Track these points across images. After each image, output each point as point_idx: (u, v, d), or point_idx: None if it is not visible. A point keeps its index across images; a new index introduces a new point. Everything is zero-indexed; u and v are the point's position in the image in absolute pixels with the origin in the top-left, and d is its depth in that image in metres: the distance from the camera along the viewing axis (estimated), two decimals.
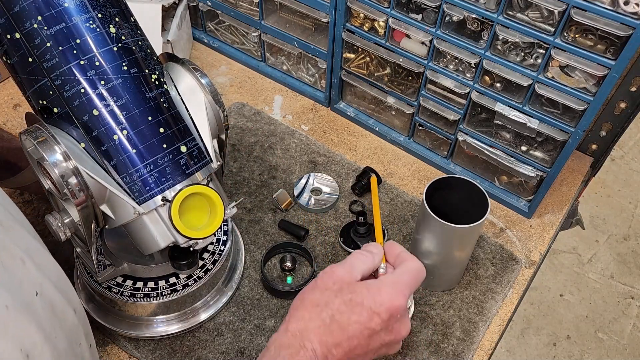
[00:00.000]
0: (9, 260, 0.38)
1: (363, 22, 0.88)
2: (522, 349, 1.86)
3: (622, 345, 1.88)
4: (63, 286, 0.44)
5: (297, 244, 0.82)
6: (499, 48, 0.76)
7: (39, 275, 0.41)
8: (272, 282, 0.78)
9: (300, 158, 0.96)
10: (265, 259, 0.81)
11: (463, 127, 0.89)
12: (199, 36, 1.16)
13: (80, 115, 0.55)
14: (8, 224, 0.41)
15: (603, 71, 0.68)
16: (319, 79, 1.05)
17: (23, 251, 0.40)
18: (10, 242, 0.39)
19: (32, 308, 0.38)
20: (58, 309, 0.42)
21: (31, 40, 0.53)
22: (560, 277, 2.03)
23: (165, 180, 0.58)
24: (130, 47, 0.57)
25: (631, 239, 2.14)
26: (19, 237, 0.41)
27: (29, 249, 0.42)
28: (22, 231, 0.43)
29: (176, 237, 0.59)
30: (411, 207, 0.90)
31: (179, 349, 0.73)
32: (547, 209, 0.92)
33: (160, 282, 0.71)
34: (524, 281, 0.83)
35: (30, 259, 0.40)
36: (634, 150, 2.42)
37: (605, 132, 0.94)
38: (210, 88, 0.63)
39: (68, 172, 0.54)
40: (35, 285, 0.39)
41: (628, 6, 0.63)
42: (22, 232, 0.42)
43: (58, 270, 0.45)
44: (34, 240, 0.44)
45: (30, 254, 0.41)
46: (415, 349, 0.74)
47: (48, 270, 0.43)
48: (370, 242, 0.64)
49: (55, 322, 0.40)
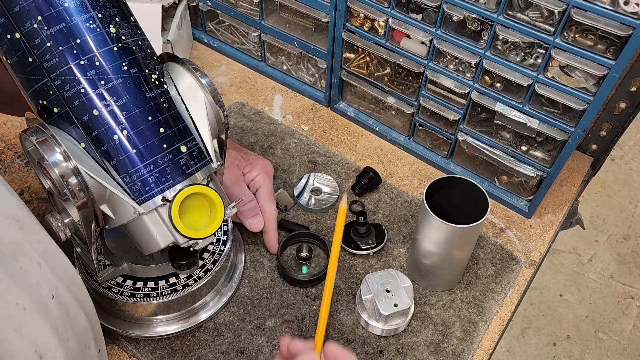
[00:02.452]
0: (28, 263, 0.38)
1: (363, 22, 0.88)
2: (522, 349, 1.86)
3: (622, 345, 1.88)
4: (76, 288, 0.44)
5: (314, 234, 0.83)
6: (499, 48, 0.76)
7: (54, 278, 0.41)
8: (287, 269, 0.79)
9: (300, 158, 0.96)
10: (282, 248, 0.82)
11: (463, 127, 0.89)
12: (199, 36, 1.16)
13: (80, 115, 0.55)
14: (29, 226, 0.41)
15: (603, 71, 0.68)
16: (319, 79, 1.05)
17: (40, 254, 0.40)
18: (30, 245, 0.40)
19: (48, 310, 0.38)
20: (71, 312, 0.42)
21: (31, 40, 0.53)
22: (560, 277, 2.03)
23: (165, 180, 0.58)
24: (130, 47, 0.57)
25: (631, 239, 2.14)
26: (38, 239, 0.42)
27: (46, 251, 0.42)
28: (41, 232, 0.43)
29: (176, 237, 0.59)
30: (411, 207, 0.90)
31: (179, 349, 0.73)
32: (547, 209, 0.92)
33: (160, 282, 0.71)
34: (524, 281, 0.83)
35: (46, 262, 0.40)
36: (634, 150, 2.42)
37: (605, 132, 0.94)
38: (210, 88, 0.63)
39: (68, 172, 0.54)
40: (52, 289, 0.40)
41: (628, 6, 0.63)
42: (41, 233, 0.43)
43: (72, 272, 0.45)
44: (50, 242, 0.44)
45: (47, 256, 0.41)
46: (415, 349, 0.74)
47: (63, 272, 0.43)
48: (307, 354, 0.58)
49: (68, 325, 0.41)
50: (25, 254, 0.39)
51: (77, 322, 0.43)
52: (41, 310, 0.37)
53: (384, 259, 0.83)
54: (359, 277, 0.81)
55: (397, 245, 0.85)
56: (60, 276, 0.42)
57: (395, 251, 0.84)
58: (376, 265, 0.83)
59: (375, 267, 0.82)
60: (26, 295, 0.36)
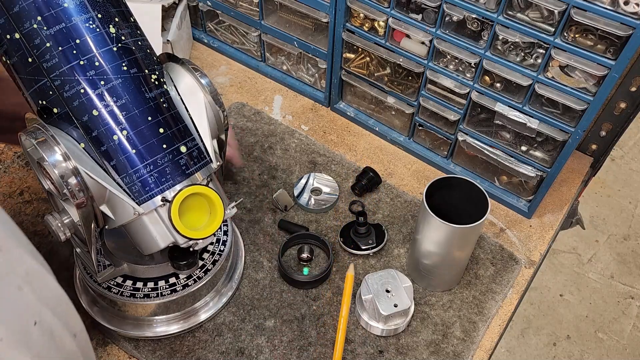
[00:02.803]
0: (7, 288, 0.37)
1: (363, 22, 0.88)
2: (522, 349, 1.86)
3: (622, 345, 1.88)
4: (63, 311, 0.43)
5: (316, 235, 0.83)
6: (499, 48, 0.76)
7: (38, 302, 0.39)
8: (288, 271, 0.79)
9: (300, 158, 0.96)
10: (283, 249, 0.82)
11: (463, 127, 0.89)
12: (199, 36, 1.16)
13: (80, 115, 0.55)
14: (7, 247, 0.40)
15: (603, 71, 0.68)
16: (319, 79, 1.05)
17: (22, 277, 0.39)
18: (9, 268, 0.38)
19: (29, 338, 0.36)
20: (56, 335, 0.40)
21: (31, 41, 0.53)
22: (560, 277, 2.03)
23: (165, 181, 0.58)
24: (130, 47, 0.57)
25: (631, 239, 2.14)
26: (18, 261, 0.40)
27: (29, 272, 0.40)
28: (21, 253, 0.41)
29: (176, 237, 0.59)
30: (411, 207, 0.90)
31: (179, 349, 0.73)
32: (547, 209, 0.92)
33: (160, 282, 0.71)
34: (524, 281, 0.83)
35: (29, 285, 0.39)
36: (634, 150, 2.42)
37: (605, 132, 0.94)
38: (210, 88, 0.63)
39: (68, 172, 0.54)
40: (34, 314, 0.38)
41: (628, 6, 0.63)
42: (21, 254, 0.41)
43: (59, 293, 0.43)
44: (34, 262, 0.42)
45: (30, 278, 0.39)
46: (415, 349, 0.74)
47: (48, 294, 0.41)
48: None
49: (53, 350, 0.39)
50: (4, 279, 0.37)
51: (64, 345, 0.41)
52: (21, 340, 0.35)
53: (384, 259, 0.83)
54: (359, 277, 0.81)
55: (397, 246, 0.85)
56: (45, 298, 0.40)
57: (395, 251, 0.84)
58: (376, 266, 0.82)
59: (375, 267, 0.82)
60: (3, 325, 0.35)
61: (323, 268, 0.81)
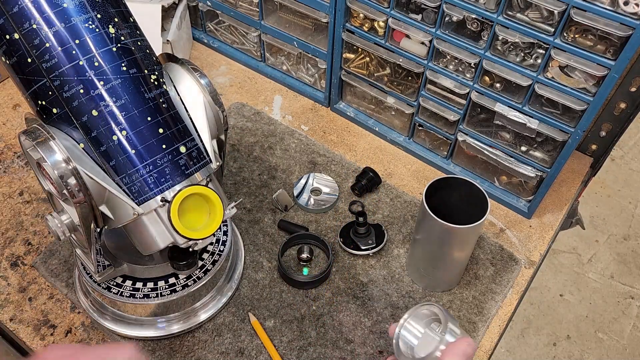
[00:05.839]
0: None
1: (363, 22, 0.88)
2: (522, 349, 1.86)
3: (622, 345, 1.87)
4: None
5: (315, 235, 0.83)
6: (499, 48, 0.76)
7: None
8: (288, 271, 0.79)
9: (300, 158, 0.96)
10: (282, 249, 0.82)
11: (463, 127, 0.89)
12: (198, 36, 1.16)
13: (79, 115, 0.55)
14: None
15: (603, 71, 0.68)
16: (318, 79, 1.05)
17: None
18: None
19: None
20: None
21: (30, 41, 0.53)
22: (560, 277, 2.03)
23: (164, 181, 0.58)
24: (130, 48, 0.57)
25: (631, 239, 2.14)
26: None
27: None
28: None
29: (175, 237, 0.59)
30: (411, 207, 0.90)
31: (178, 349, 0.73)
32: (547, 209, 0.92)
33: (160, 282, 0.71)
34: (524, 281, 0.83)
35: None
36: (634, 150, 2.42)
37: (605, 132, 0.94)
38: (210, 88, 0.63)
39: (67, 172, 0.54)
40: None
41: (628, 6, 0.63)
42: None
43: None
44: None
45: None
46: None
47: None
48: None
49: None
50: None
51: None
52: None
53: (384, 260, 0.83)
54: (359, 278, 0.81)
55: (397, 246, 0.85)
56: None
57: (395, 251, 0.84)
58: (376, 266, 0.82)
59: (375, 267, 0.82)
60: None
61: (323, 268, 0.81)
